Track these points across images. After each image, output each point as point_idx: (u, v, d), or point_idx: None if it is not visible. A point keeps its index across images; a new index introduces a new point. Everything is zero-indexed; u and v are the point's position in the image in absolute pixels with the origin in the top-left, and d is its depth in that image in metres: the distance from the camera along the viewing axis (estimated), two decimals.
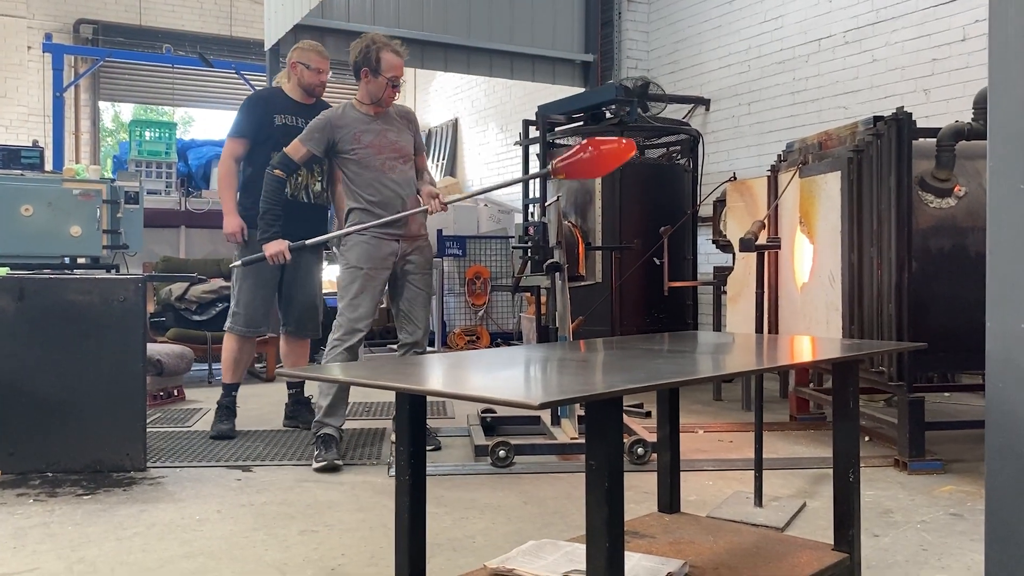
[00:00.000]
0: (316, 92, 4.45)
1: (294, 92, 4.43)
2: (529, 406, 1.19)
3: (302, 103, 4.42)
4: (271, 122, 4.31)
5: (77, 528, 2.87)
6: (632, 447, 3.71)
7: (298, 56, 4.41)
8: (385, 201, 3.93)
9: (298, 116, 4.33)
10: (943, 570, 2.47)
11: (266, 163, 4.14)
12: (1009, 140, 1.61)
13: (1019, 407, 1.57)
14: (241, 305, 4.31)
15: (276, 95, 4.47)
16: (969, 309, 3.62)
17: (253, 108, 4.36)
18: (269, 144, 4.25)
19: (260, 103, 4.39)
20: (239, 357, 4.40)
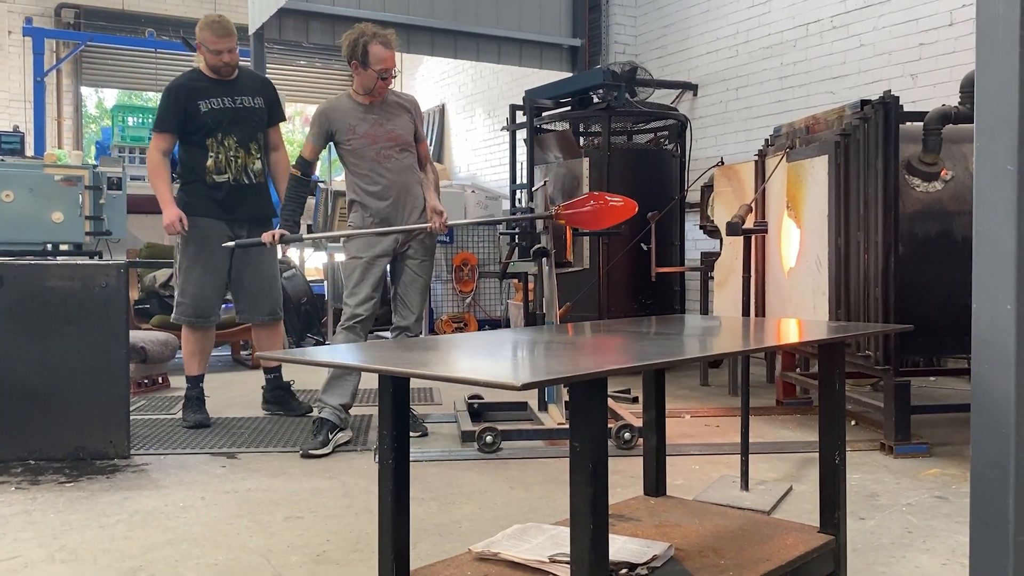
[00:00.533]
0: (222, 73, 4.21)
1: (207, 70, 4.24)
2: (511, 387, 1.17)
3: (223, 81, 4.23)
4: (197, 110, 4.16)
5: (59, 516, 2.85)
6: (619, 432, 3.70)
7: (198, 35, 4.20)
8: (382, 191, 3.93)
9: (223, 97, 4.20)
10: (928, 552, 2.48)
11: (201, 153, 4.15)
12: (995, 120, 1.60)
13: (1004, 389, 1.57)
14: (188, 295, 4.19)
15: (196, 80, 4.24)
16: (955, 293, 3.63)
17: (175, 99, 4.16)
18: (202, 132, 4.17)
19: (181, 92, 4.17)
20: (197, 347, 4.29)
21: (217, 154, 4.20)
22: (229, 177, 4.21)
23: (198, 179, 4.18)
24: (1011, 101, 1.58)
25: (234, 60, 4.22)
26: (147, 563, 2.42)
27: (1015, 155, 1.58)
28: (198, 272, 4.18)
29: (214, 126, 4.16)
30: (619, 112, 6.05)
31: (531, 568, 1.72)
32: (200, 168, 4.18)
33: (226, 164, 4.22)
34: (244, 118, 4.25)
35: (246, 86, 4.30)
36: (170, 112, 4.16)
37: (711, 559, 1.78)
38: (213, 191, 4.19)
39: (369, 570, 2.34)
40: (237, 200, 4.24)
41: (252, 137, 4.29)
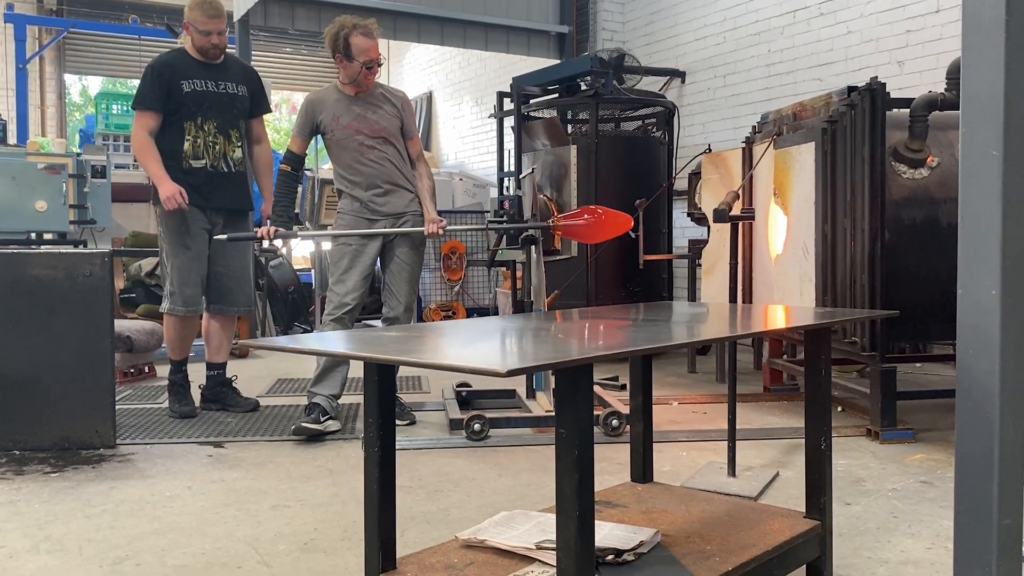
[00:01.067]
0: (210, 55, 4.10)
1: (193, 52, 4.11)
2: (497, 373, 1.16)
3: (209, 64, 4.12)
4: (180, 89, 4.02)
5: (44, 506, 2.83)
6: (607, 419, 3.71)
7: (187, 15, 4.07)
8: (365, 182, 3.94)
9: (206, 80, 4.09)
10: (913, 537, 2.50)
11: (178, 136, 4.03)
12: (981, 106, 1.60)
13: (988, 374, 1.57)
14: (176, 284, 4.07)
15: (181, 59, 4.10)
16: (941, 279, 3.64)
17: (158, 77, 4.01)
18: (182, 113, 4.03)
19: (165, 70, 4.03)
20: (183, 335, 4.20)
21: (195, 138, 4.06)
22: (207, 163, 4.09)
23: (173, 163, 4.03)
24: (996, 87, 1.58)
25: (223, 43, 4.12)
26: (133, 553, 2.41)
27: (1000, 140, 1.58)
28: (184, 260, 4.08)
29: (195, 108, 4.05)
30: (607, 99, 6.03)
31: (518, 555, 1.72)
32: (176, 151, 4.04)
33: (204, 149, 4.09)
34: (226, 104, 4.15)
35: (231, 72, 4.20)
36: (154, 89, 4.01)
37: (697, 544, 1.79)
38: (189, 176, 4.04)
39: (357, 558, 2.34)
40: (214, 187, 4.11)
41: (233, 124, 4.19)
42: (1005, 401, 1.57)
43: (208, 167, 4.09)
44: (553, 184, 6.06)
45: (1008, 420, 1.57)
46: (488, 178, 9.32)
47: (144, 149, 4.01)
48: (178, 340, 4.21)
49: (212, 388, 4.34)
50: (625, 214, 3.96)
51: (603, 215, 3.91)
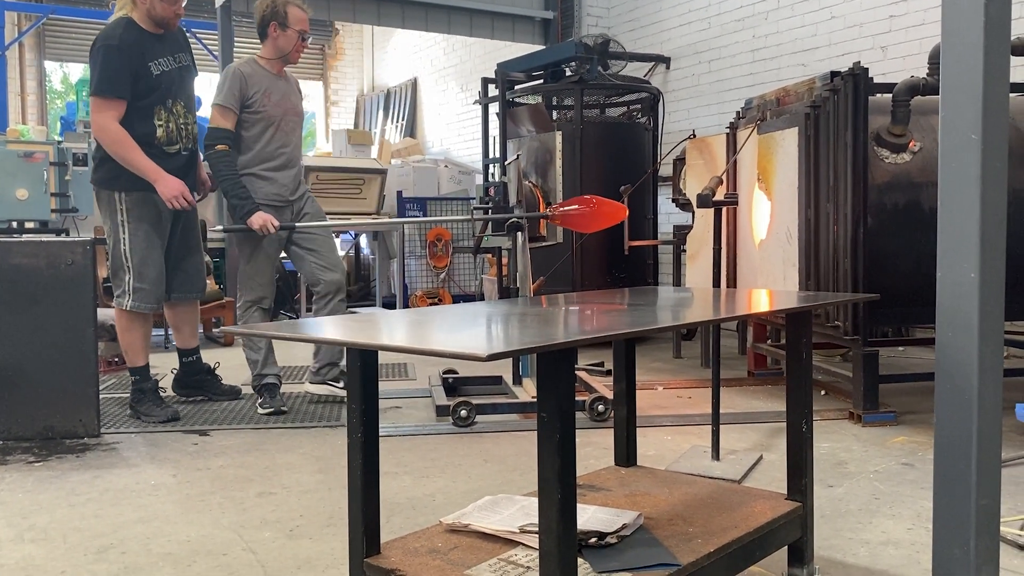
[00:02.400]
0: (171, 25, 3.77)
1: (146, 23, 3.71)
2: (477, 357, 1.17)
3: (162, 37, 3.77)
4: (149, 73, 3.68)
5: (28, 495, 2.82)
6: (592, 404, 3.72)
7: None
8: (284, 165, 3.94)
9: (167, 56, 3.76)
10: (894, 518, 2.53)
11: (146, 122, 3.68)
12: (960, 90, 1.61)
13: (967, 356, 1.59)
14: (148, 280, 3.77)
15: (140, 36, 3.69)
16: (923, 263, 3.67)
17: (127, 59, 3.62)
18: (153, 98, 3.70)
19: (133, 51, 3.64)
20: (146, 334, 3.90)
21: (167, 123, 3.76)
22: (180, 147, 3.82)
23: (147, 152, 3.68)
24: (975, 72, 1.59)
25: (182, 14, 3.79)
26: (118, 541, 2.41)
27: (979, 125, 1.59)
28: (156, 254, 3.81)
29: (165, 92, 3.74)
30: (591, 85, 6.02)
31: (502, 539, 1.73)
32: (147, 140, 3.70)
33: (176, 133, 3.80)
34: (186, 79, 3.86)
35: (178, 41, 3.87)
36: (124, 74, 3.61)
37: (680, 527, 1.80)
38: (164, 162, 3.73)
39: (342, 544, 2.34)
40: (188, 171, 3.86)
41: (193, 99, 3.93)
42: (983, 383, 1.59)
43: (182, 151, 3.84)
44: (538, 170, 6.05)
45: (986, 401, 1.59)
46: (474, 165, 9.30)
47: (124, 142, 3.63)
48: (142, 341, 3.86)
49: (192, 375, 4.22)
50: (619, 204, 3.97)
51: (597, 205, 3.92)
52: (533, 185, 6.18)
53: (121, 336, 3.89)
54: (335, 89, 12.94)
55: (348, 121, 12.86)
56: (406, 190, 8.22)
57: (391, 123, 11.94)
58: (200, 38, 9.39)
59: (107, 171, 3.76)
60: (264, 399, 3.94)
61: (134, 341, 3.86)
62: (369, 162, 8.08)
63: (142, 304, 3.80)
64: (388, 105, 12.09)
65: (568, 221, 4.03)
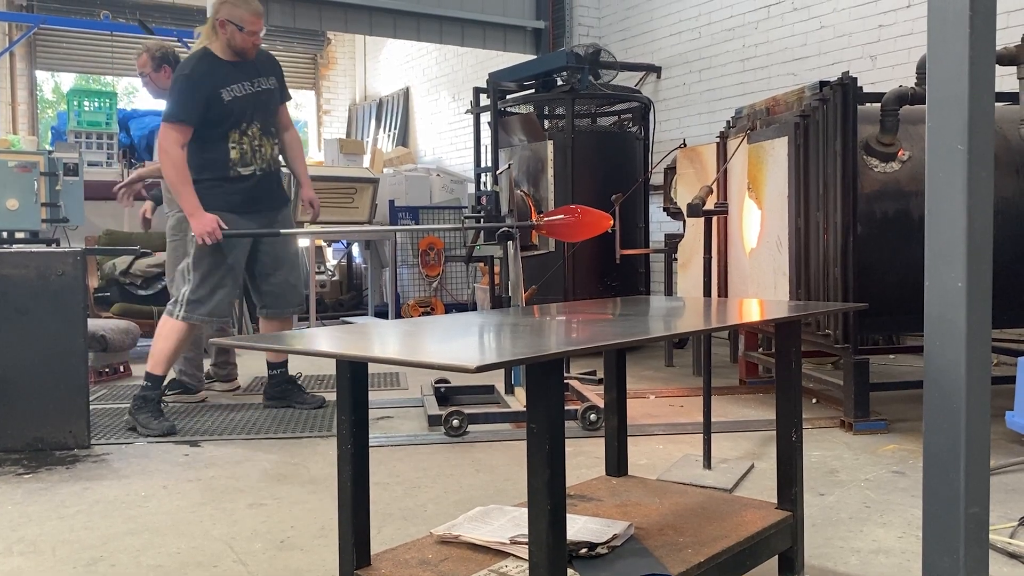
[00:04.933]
0: (247, 54, 3.91)
1: (225, 52, 3.87)
2: (466, 369, 1.17)
3: (240, 63, 3.91)
4: (220, 100, 3.82)
5: (17, 507, 2.80)
6: (584, 413, 3.73)
7: (227, 13, 3.82)
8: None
9: (243, 82, 3.90)
10: (885, 526, 2.53)
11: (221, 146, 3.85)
12: (946, 100, 1.62)
13: (955, 364, 1.60)
14: (205, 296, 3.83)
15: (214, 65, 3.86)
16: (912, 272, 3.68)
17: (196, 89, 3.79)
18: (226, 125, 3.86)
19: (205, 80, 3.81)
20: (183, 346, 3.96)
21: (241, 145, 3.90)
22: (255, 168, 3.94)
23: (219, 175, 3.87)
24: (961, 82, 1.60)
25: (260, 41, 3.95)
26: (108, 553, 2.39)
27: (965, 135, 1.61)
28: (222, 271, 3.88)
29: (238, 116, 3.87)
30: (583, 95, 6.04)
31: (492, 550, 1.73)
32: (221, 162, 3.86)
33: (251, 155, 3.93)
34: (264, 102, 3.99)
35: (260, 66, 4.00)
36: (193, 102, 3.77)
37: (671, 537, 1.81)
38: (236, 185, 3.89)
39: (333, 555, 2.32)
40: (262, 192, 3.98)
41: (273, 122, 4.06)
42: (971, 391, 1.60)
43: (256, 172, 3.95)
44: (530, 180, 6.06)
45: (974, 409, 1.60)
46: (466, 174, 9.31)
47: (181, 172, 3.77)
48: (173, 354, 3.90)
49: (277, 387, 4.31)
50: (604, 213, 3.97)
51: (582, 214, 3.92)
52: (525, 194, 6.19)
53: (156, 341, 3.94)
54: (327, 98, 12.95)
55: (340, 130, 12.87)
56: (398, 199, 8.22)
57: (383, 132, 11.95)
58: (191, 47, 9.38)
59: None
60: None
61: (166, 350, 3.89)
62: (361, 171, 8.08)
63: (192, 315, 3.87)
64: (380, 114, 12.11)
65: (553, 230, 4.04)
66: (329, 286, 8.73)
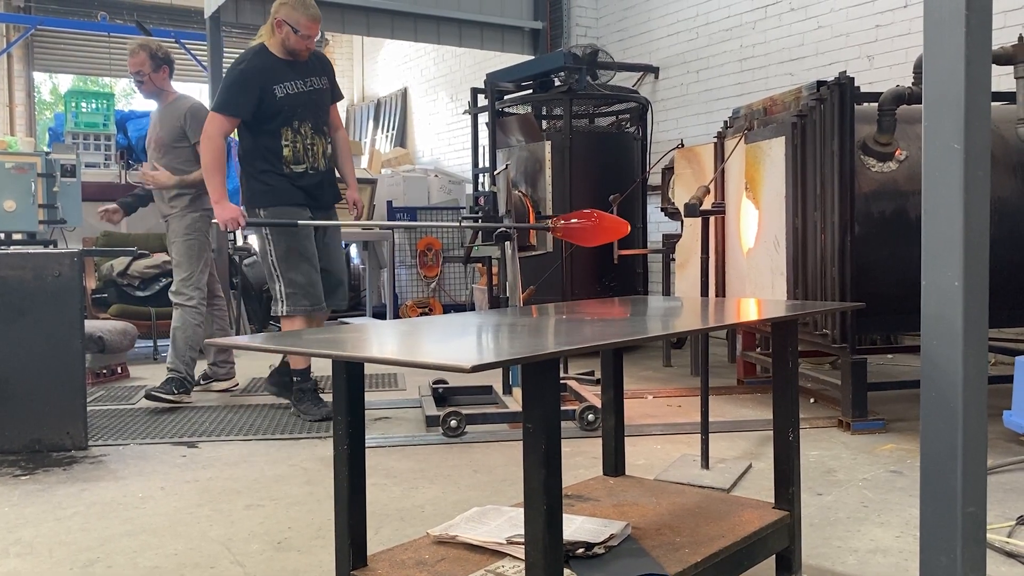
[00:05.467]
0: (300, 56, 4.00)
1: (280, 51, 3.97)
2: (461, 369, 1.17)
3: (294, 62, 4.00)
4: (273, 95, 3.90)
5: (14, 509, 2.80)
6: (583, 413, 3.72)
7: (285, 14, 3.90)
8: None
9: (296, 80, 3.98)
10: (883, 525, 2.53)
11: (274, 142, 3.93)
12: (942, 100, 1.62)
13: (951, 364, 1.60)
14: (298, 285, 3.95)
15: (268, 61, 3.95)
16: (910, 271, 3.66)
17: (248, 82, 3.88)
18: (278, 120, 3.93)
19: (257, 75, 3.89)
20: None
21: (294, 143, 3.97)
22: (307, 166, 4.00)
23: (274, 168, 3.95)
24: (957, 81, 1.61)
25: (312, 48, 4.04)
26: (104, 555, 2.39)
27: (961, 134, 1.61)
28: (307, 265, 3.97)
29: (290, 113, 3.94)
30: (580, 95, 6.04)
31: (489, 550, 1.72)
32: (275, 158, 3.95)
33: (303, 153, 4.00)
34: (316, 102, 4.05)
35: (313, 66, 4.08)
36: (244, 95, 3.87)
37: (667, 536, 1.80)
38: (296, 180, 3.98)
39: (330, 556, 2.32)
40: (320, 189, 4.06)
41: (325, 121, 4.11)
42: (968, 390, 1.60)
43: (308, 170, 4.01)
44: (528, 180, 6.06)
45: (971, 409, 1.60)
46: (464, 174, 9.31)
47: (218, 160, 3.91)
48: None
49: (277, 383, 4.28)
50: (622, 220, 3.97)
51: (599, 219, 3.92)
52: (523, 194, 6.19)
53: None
54: None
55: None
56: (396, 200, 8.22)
57: (381, 133, 11.95)
58: (189, 49, 9.38)
59: (249, 190, 4.01)
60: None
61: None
62: (359, 172, 8.07)
63: (295, 307, 3.95)
64: (378, 115, 12.10)
65: (569, 234, 4.03)
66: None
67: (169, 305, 6.08)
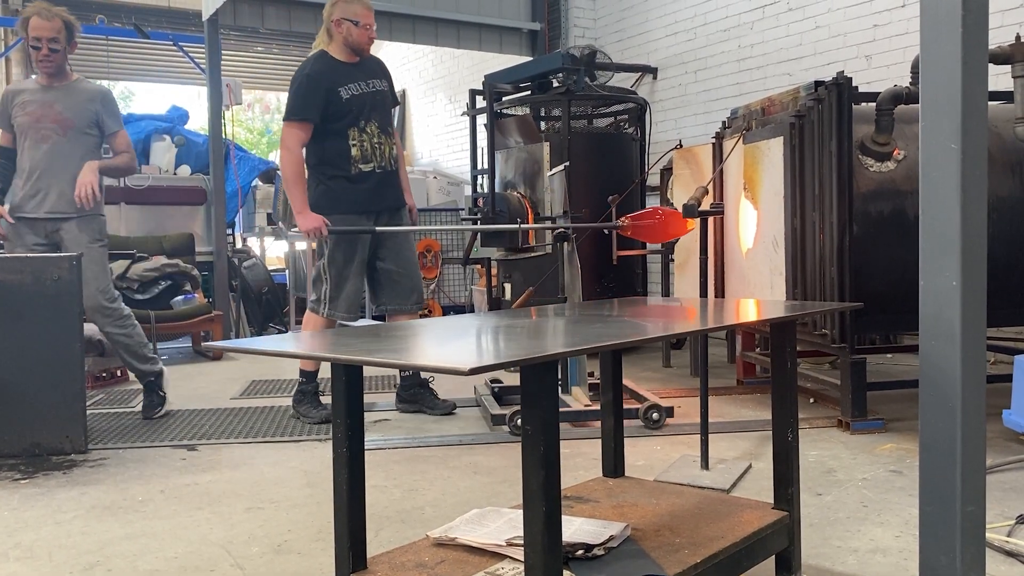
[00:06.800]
0: (364, 51, 4.03)
1: (340, 53, 4.00)
2: (459, 371, 1.17)
3: (354, 64, 4.03)
4: (339, 97, 3.93)
5: (13, 513, 2.80)
6: (647, 412, 3.78)
7: (341, 12, 3.95)
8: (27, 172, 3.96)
9: (359, 81, 3.99)
10: (882, 525, 2.53)
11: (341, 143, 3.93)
12: (939, 100, 1.62)
13: (950, 363, 1.60)
14: (343, 291, 3.97)
15: (331, 65, 3.98)
16: (909, 270, 3.67)
17: (315, 87, 3.90)
18: (346, 121, 3.94)
19: (323, 79, 3.92)
20: None
21: (361, 143, 3.98)
22: (375, 165, 4.01)
23: (341, 172, 3.96)
24: (954, 81, 1.61)
25: (374, 38, 4.05)
26: (104, 558, 2.39)
27: (958, 134, 1.61)
28: (352, 269, 4.00)
29: (357, 114, 3.96)
30: (579, 96, 6.04)
31: (489, 552, 1.72)
32: (343, 160, 3.96)
33: (371, 152, 4.01)
34: (379, 102, 4.07)
35: (373, 69, 4.11)
36: (312, 99, 3.90)
37: (667, 537, 1.80)
38: (360, 182, 3.98)
39: (330, 558, 2.32)
40: (384, 189, 4.06)
41: (389, 121, 4.13)
42: (966, 390, 1.60)
43: (376, 169, 4.02)
44: (527, 181, 6.07)
45: (969, 408, 1.60)
46: (463, 176, 9.31)
47: (297, 171, 3.92)
48: None
49: (408, 389, 4.31)
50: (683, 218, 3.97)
51: (664, 216, 3.92)
52: (521, 195, 6.19)
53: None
54: None
55: None
56: None
57: None
58: (187, 51, 9.38)
59: (314, 197, 4.00)
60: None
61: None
62: None
63: (336, 312, 3.99)
64: None
65: (638, 232, 4.03)
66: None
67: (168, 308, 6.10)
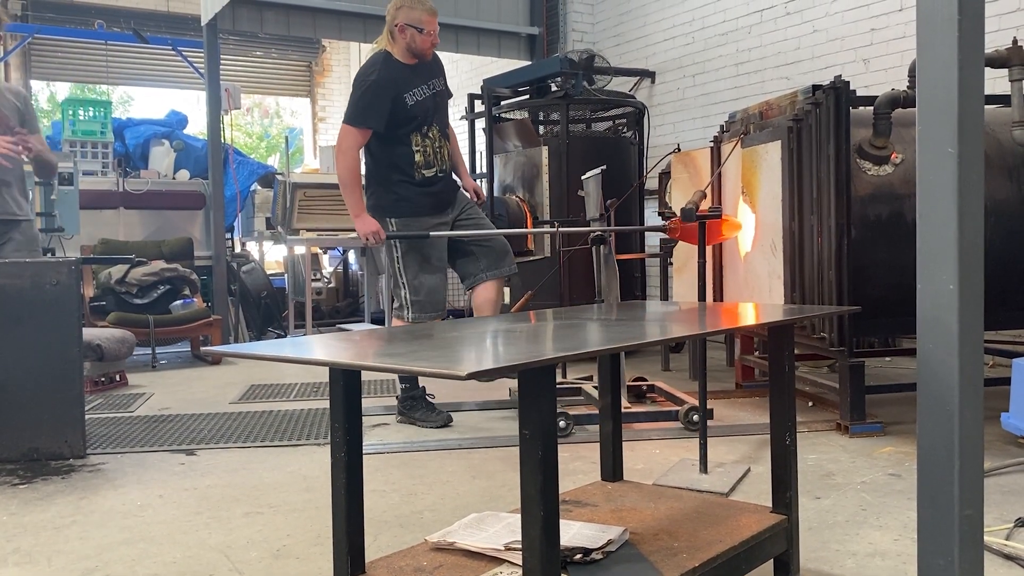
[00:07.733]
0: (427, 57, 3.98)
1: (404, 56, 3.95)
2: (457, 376, 1.17)
3: (417, 66, 3.98)
4: (405, 104, 3.89)
5: (12, 518, 2.79)
6: (688, 413, 3.79)
7: (405, 17, 3.89)
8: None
9: (422, 85, 3.96)
10: (881, 529, 2.53)
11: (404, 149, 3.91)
12: (936, 103, 1.63)
13: (947, 367, 1.60)
14: (423, 293, 3.97)
15: (397, 70, 3.93)
16: (907, 274, 3.65)
17: (383, 94, 3.86)
18: (410, 127, 3.93)
19: (390, 87, 3.87)
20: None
21: (424, 148, 3.97)
22: (436, 170, 4.00)
23: (406, 177, 3.95)
24: (950, 85, 1.61)
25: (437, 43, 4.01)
26: (103, 563, 2.39)
27: (955, 138, 1.61)
28: (431, 275, 4.00)
29: (421, 119, 3.95)
30: (577, 100, 6.06)
31: (487, 556, 1.72)
32: (407, 164, 3.94)
33: (433, 156, 4.00)
34: (440, 104, 4.06)
35: (432, 68, 4.06)
36: (379, 107, 3.85)
37: (665, 542, 1.80)
38: (426, 186, 3.98)
39: (329, 563, 2.31)
40: (447, 191, 4.08)
41: (447, 123, 4.12)
42: (964, 393, 1.60)
43: (438, 173, 4.02)
44: (525, 185, 6.08)
45: (967, 412, 1.60)
46: None
47: (354, 175, 3.91)
48: None
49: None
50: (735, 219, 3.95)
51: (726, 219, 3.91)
52: (520, 199, 6.20)
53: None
54: (322, 105, 12.96)
55: (335, 137, 12.86)
56: None
57: None
58: (186, 56, 9.39)
59: (375, 198, 4.01)
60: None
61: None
62: None
63: (420, 315, 3.98)
64: None
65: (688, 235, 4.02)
66: (325, 293, 8.73)
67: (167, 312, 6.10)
